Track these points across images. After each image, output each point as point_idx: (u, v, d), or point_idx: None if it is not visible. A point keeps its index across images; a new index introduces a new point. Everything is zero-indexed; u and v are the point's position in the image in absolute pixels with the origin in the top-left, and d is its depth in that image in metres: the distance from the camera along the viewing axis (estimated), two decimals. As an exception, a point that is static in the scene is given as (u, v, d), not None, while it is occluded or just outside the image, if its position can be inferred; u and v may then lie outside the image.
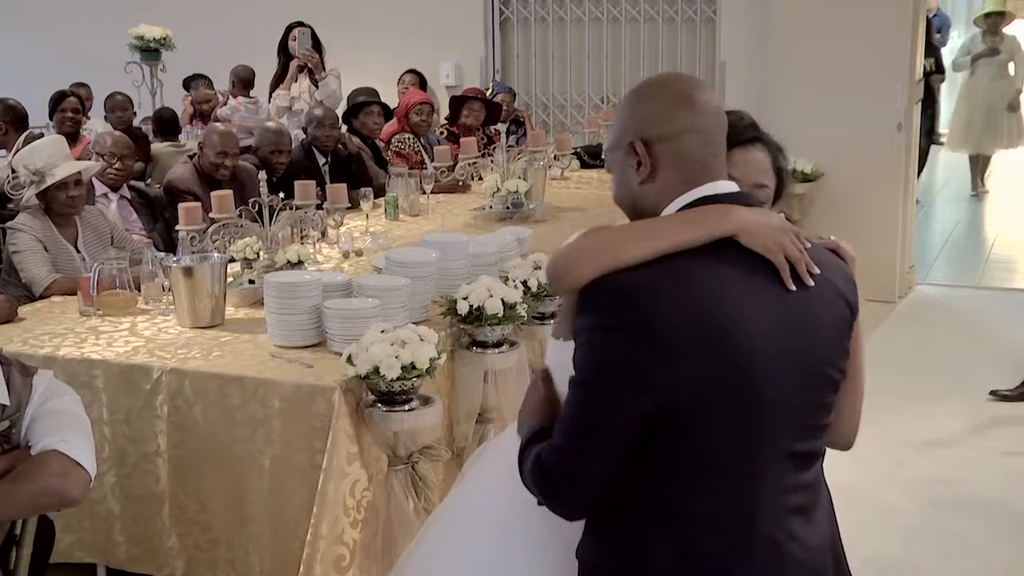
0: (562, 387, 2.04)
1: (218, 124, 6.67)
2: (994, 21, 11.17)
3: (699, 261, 1.89)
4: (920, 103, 8.22)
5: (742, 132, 2.30)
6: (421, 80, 8.84)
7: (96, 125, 7.89)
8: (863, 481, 5.01)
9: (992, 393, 5.97)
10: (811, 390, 1.97)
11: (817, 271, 1.95)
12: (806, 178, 7.70)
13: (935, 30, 11.58)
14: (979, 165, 11.78)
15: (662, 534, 1.90)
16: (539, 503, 2.04)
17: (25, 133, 7.00)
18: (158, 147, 8.09)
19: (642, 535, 1.91)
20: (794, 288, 1.91)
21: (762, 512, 1.92)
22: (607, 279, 1.88)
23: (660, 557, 1.90)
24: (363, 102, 7.65)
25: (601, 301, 1.88)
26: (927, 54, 9.58)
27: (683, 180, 1.97)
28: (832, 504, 2.17)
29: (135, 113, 8.52)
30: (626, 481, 1.90)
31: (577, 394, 1.91)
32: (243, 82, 8.96)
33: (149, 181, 6.85)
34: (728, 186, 2.00)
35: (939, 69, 11.21)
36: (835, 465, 5.42)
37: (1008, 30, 11.36)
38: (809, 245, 1.99)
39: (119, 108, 8.27)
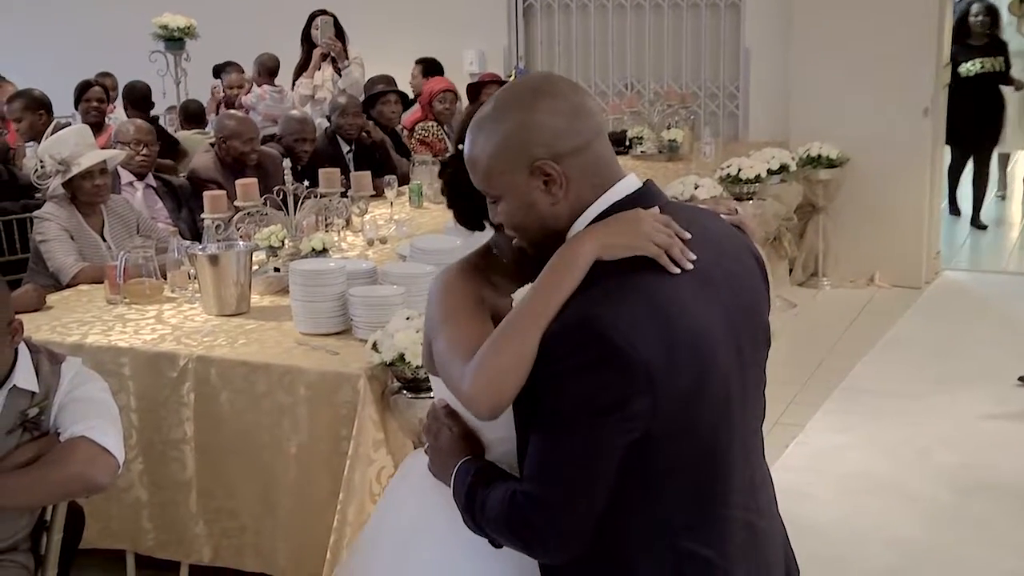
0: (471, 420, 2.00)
1: (233, 111, 6.67)
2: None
3: (650, 276, 1.81)
4: (947, 88, 8.16)
5: None
6: (430, 67, 8.78)
7: (121, 114, 7.91)
8: (889, 467, 5.00)
9: (1020, 379, 5.93)
10: (757, 364, 1.98)
11: (690, 263, 1.84)
12: (832, 164, 7.65)
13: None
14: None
15: (642, 546, 1.86)
16: (494, 545, 1.96)
17: (53, 123, 7.04)
18: (184, 134, 8.11)
19: (622, 552, 1.86)
20: (678, 271, 1.82)
21: (735, 499, 1.91)
22: (568, 317, 1.79)
23: (642, 568, 1.87)
24: (379, 92, 7.65)
25: (570, 339, 1.78)
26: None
27: (592, 188, 1.89)
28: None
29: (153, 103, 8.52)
30: (605, 508, 1.83)
31: (554, 438, 1.80)
32: (268, 71, 8.97)
33: (183, 174, 6.85)
34: (630, 181, 1.92)
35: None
36: (861, 450, 5.42)
37: None
38: (688, 236, 1.88)
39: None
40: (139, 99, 8.22)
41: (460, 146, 2.10)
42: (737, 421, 1.91)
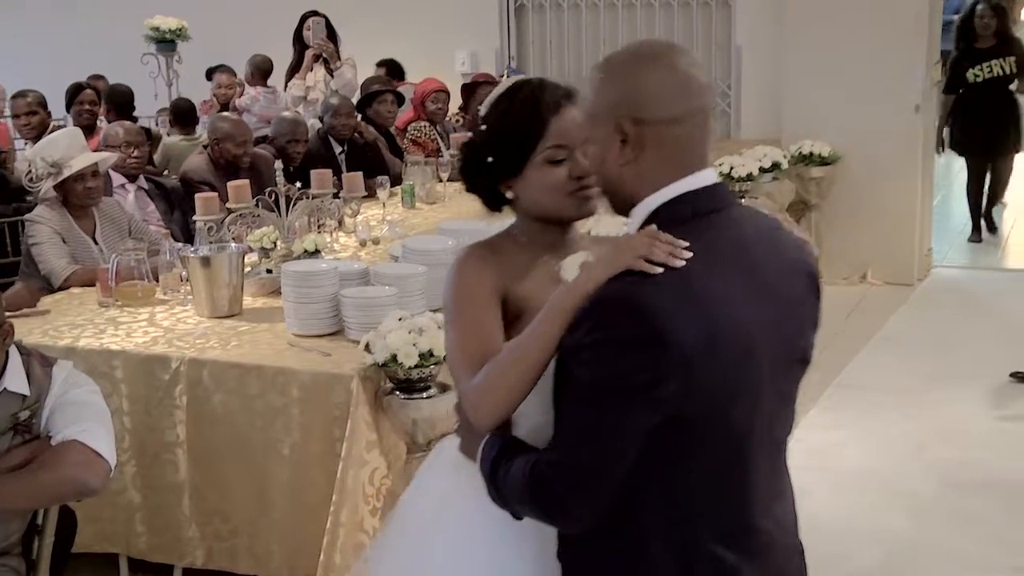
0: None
1: (225, 114, 6.67)
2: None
3: (701, 261, 1.82)
4: (938, 85, 8.16)
5: (551, 101, 2.17)
6: (393, 69, 8.78)
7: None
8: (882, 463, 5.01)
9: (1012, 375, 5.94)
10: (792, 379, 1.98)
11: (682, 260, 1.81)
12: (824, 161, 7.66)
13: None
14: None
15: (660, 535, 1.87)
16: (516, 517, 2.00)
17: (51, 124, 7.09)
18: (170, 141, 8.09)
19: (640, 537, 1.88)
20: (659, 270, 1.80)
21: (757, 505, 1.91)
22: (612, 290, 1.81)
23: (659, 559, 1.87)
24: (376, 91, 7.64)
25: (609, 314, 1.79)
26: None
27: (668, 167, 1.88)
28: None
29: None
30: (624, 486, 1.85)
31: (583, 411, 1.82)
32: (261, 72, 8.96)
33: (166, 172, 6.86)
34: (707, 176, 1.91)
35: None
36: (855, 447, 5.43)
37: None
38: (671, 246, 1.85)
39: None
40: (122, 103, 8.21)
41: (482, 126, 2.22)
42: (765, 428, 1.91)
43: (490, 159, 2.20)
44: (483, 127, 2.23)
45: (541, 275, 2.17)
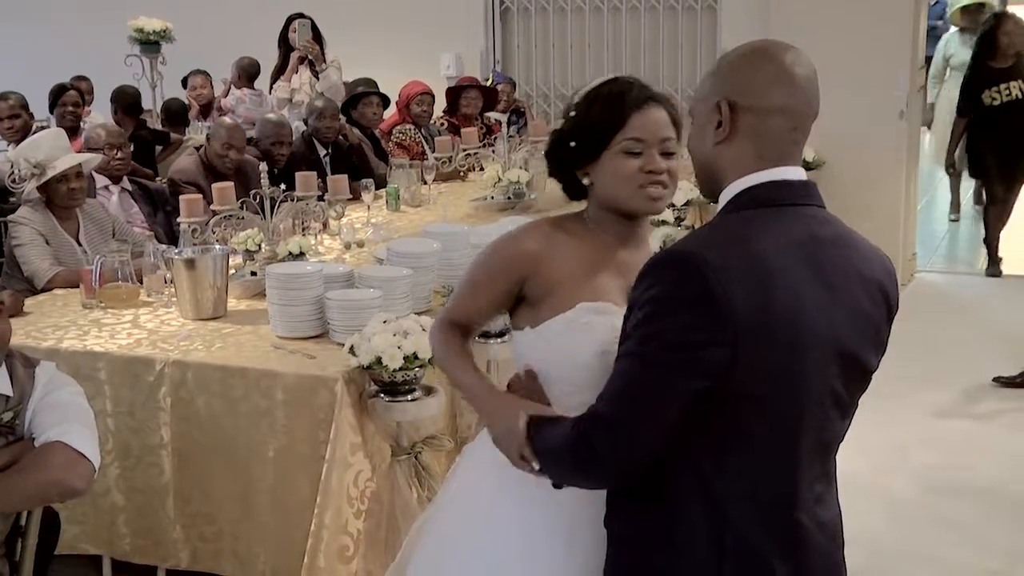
0: (550, 377, 2.20)
1: (226, 119, 6.68)
2: (973, 16, 9.34)
3: (772, 241, 1.87)
4: (922, 91, 8.18)
5: (636, 97, 2.29)
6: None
7: (97, 119, 7.88)
8: (864, 467, 5.02)
9: (995, 379, 5.97)
10: (849, 381, 1.97)
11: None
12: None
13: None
14: (959, 185, 10.01)
15: (697, 510, 1.90)
16: (555, 485, 2.05)
17: (33, 126, 7.07)
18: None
19: (677, 510, 1.91)
20: None
21: (797, 498, 1.93)
22: (679, 247, 1.89)
23: (694, 533, 1.90)
24: (361, 93, 7.64)
25: (671, 271, 1.84)
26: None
27: (757, 156, 1.94)
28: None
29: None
30: (666, 454, 1.89)
31: (632, 364, 1.87)
32: (248, 74, 8.95)
33: (160, 180, 6.84)
34: (796, 173, 1.97)
35: None
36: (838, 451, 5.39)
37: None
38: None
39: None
40: (130, 104, 8.23)
41: (572, 113, 2.33)
42: (813, 426, 1.92)
43: (572, 143, 2.31)
44: (572, 114, 2.34)
45: (584, 264, 2.28)
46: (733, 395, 1.83)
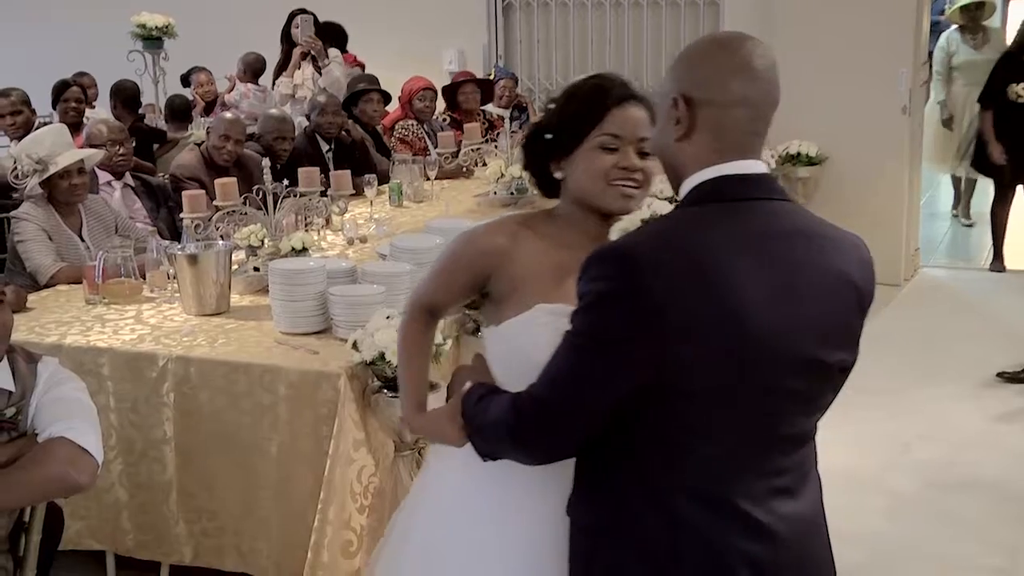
0: (505, 375, 2.22)
1: (227, 113, 6.68)
2: (973, 14, 9.06)
3: (718, 238, 1.85)
4: (925, 87, 8.17)
5: (617, 94, 2.27)
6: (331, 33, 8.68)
7: (100, 114, 7.89)
8: (867, 463, 5.02)
9: (998, 375, 5.96)
10: (808, 378, 1.93)
11: None
12: (811, 161, 7.68)
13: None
14: (962, 188, 9.76)
15: (646, 502, 1.89)
16: (485, 457, 2.07)
17: (36, 122, 7.07)
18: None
19: (630, 501, 1.91)
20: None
21: (745, 492, 1.90)
22: (618, 243, 1.90)
23: (645, 525, 1.90)
24: (362, 89, 7.63)
25: (606, 266, 1.85)
26: None
27: (715, 150, 1.92)
28: (819, 476, 2.12)
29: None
30: (614, 447, 1.90)
31: (568, 351, 1.89)
32: (254, 71, 8.95)
33: (163, 176, 6.84)
34: (755, 166, 1.95)
35: None
36: (840, 447, 5.44)
37: (991, 23, 9.45)
38: None
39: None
40: (128, 98, 8.23)
41: (551, 106, 2.35)
42: (765, 423, 1.90)
43: (548, 136, 2.30)
44: (551, 107, 2.34)
45: (548, 264, 2.26)
46: (670, 390, 1.82)
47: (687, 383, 1.82)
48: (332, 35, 8.55)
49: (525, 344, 2.20)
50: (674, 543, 1.89)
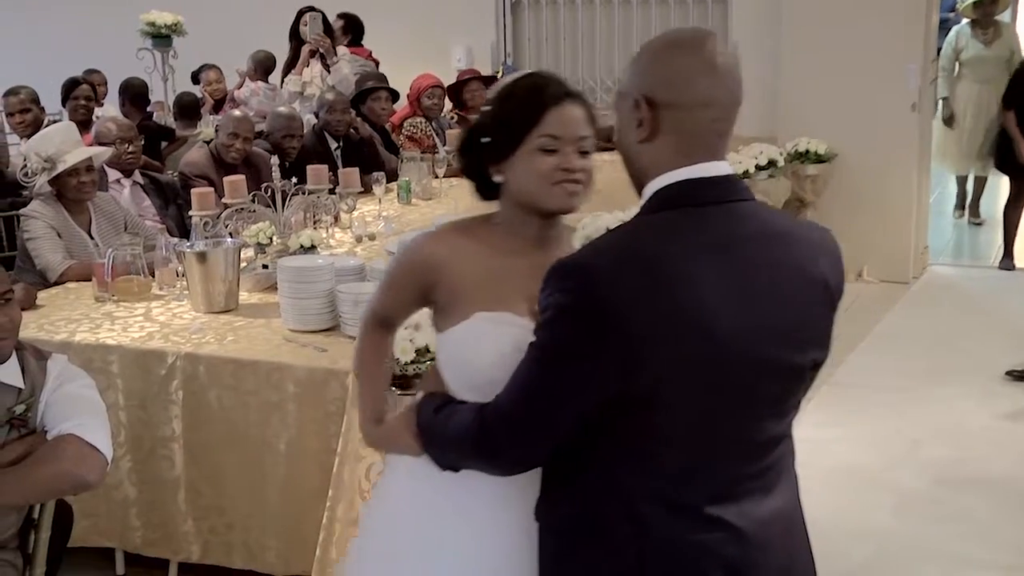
0: (452, 383, 2.20)
1: (235, 111, 6.70)
2: (986, 9, 8.90)
3: (680, 246, 1.82)
4: (934, 84, 8.13)
5: (554, 93, 2.21)
6: (352, 24, 8.72)
7: (109, 112, 7.90)
8: (877, 461, 5.02)
9: (1007, 373, 5.95)
10: (777, 380, 1.92)
11: None
12: (820, 159, 7.65)
13: None
14: (972, 188, 9.63)
15: (615, 508, 1.88)
16: (444, 467, 2.08)
17: (45, 120, 7.09)
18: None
19: (596, 507, 1.90)
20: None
21: (716, 496, 1.89)
22: (576, 256, 1.87)
23: (613, 530, 1.89)
24: (370, 88, 7.64)
25: (566, 280, 1.82)
26: None
27: (679, 153, 1.89)
28: (795, 473, 2.08)
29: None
30: (583, 452, 1.89)
31: (532, 364, 1.88)
32: (263, 68, 8.96)
33: (171, 173, 6.85)
34: (718, 168, 1.91)
35: None
36: (848, 444, 5.43)
37: (1002, 18, 9.24)
38: None
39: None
40: (136, 96, 8.25)
41: (486, 107, 2.27)
42: (735, 426, 1.89)
43: (485, 140, 2.23)
44: (487, 108, 2.27)
45: (489, 271, 2.22)
46: (636, 401, 1.80)
47: (653, 394, 1.80)
48: (350, 25, 8.59)
49: (466, 352, 2.18)
50: (643, 548, 1.87)
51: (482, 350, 2.14)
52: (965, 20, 9.21)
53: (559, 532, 1.99)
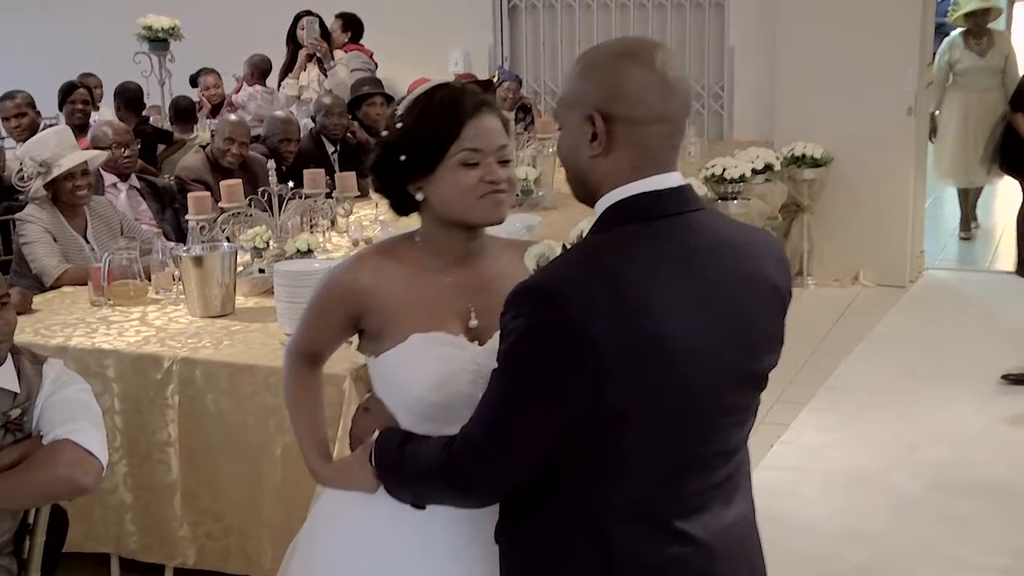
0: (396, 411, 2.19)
1: (232, 116, 6.69)
2: (978, 19, 8.82)
3: (639, 262, 1.81)
4: (930, 88, 8.13)
5: (470, 105, 2.17)
6: (350, 23, 8.71)
7: (105, 116, 7.90)
8: (873, 464, 5.02)
9: (1003, 377, 5.95)
10: (739, 390, 1.92)
11: None
12: (816, 163, 7.66)
13: None
14: (969, 199, 9.39)
15: (579, 527, 1.86)
16: (414, 506, 2.06)
17: (41, 124, 7.09)
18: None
19: (560, 526, 1.88)
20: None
21: (679, 510, 1.88)
22: (540, 278, 1.85)
23: (578, 549, 1.87)
24: (365, 93, 7.63)
25: (530, 305, 1.79)
26: None
27: (633, 167, 1.86)
28: (750, 478, 2.06)
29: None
30: (546, 472, 1.86)
31: (498, 391, 1.85)
32: (261, 72, 8.96)
33: (168, 177, 6.85)
34: (670, 179, 1.89)
35: None
36: (845, 447, 5.43)
37: (995, 25, 9.11)
38: None
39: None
40: (132, 100, 8.25)
41: (384, 133, 2.22)
42: (700, 439, 1.88)
43: (403, 157, 2.18)
44: (399, 125, 2.20)
45: (418, 292, 2.20)
46: (604, 419, 1.79)
47: (621, 413, 1.79)
48: (349, 24, 8.59)
49: (403, 375, 2.16)
50: (609, 567, 1.86)
51: (420, 371, 2.12)
52: (957, 30, 9.11)
53: (523, 554, 1.96)
